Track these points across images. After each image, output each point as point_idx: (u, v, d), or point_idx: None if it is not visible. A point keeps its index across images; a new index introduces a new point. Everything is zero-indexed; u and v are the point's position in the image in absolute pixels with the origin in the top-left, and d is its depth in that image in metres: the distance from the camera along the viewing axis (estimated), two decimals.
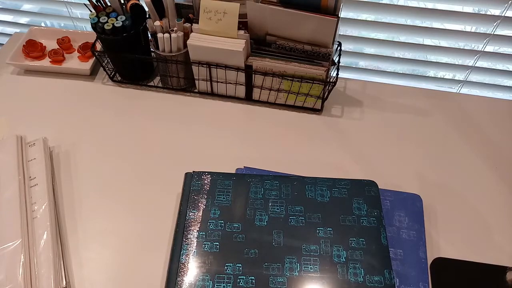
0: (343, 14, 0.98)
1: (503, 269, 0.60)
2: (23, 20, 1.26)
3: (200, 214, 0.60)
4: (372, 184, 0.63)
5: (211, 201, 0.62)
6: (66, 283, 0.57)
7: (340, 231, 0.59)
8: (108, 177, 0.70)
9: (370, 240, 0.58)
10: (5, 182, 0.64)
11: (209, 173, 0.65)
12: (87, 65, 0.85)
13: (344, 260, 0.56)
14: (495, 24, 0.92)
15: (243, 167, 0.71)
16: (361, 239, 0.58)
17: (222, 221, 0.60)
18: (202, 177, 0.65)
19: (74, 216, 0.65)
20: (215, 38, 0.73)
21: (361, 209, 0.61)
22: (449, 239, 0.63)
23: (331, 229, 0.59)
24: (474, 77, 1.05)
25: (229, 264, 0.56)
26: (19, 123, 0.78)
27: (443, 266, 0.60)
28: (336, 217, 0.60)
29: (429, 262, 0.60)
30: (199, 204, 0.62)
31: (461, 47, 1.00)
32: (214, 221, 0.60)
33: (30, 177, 0.66)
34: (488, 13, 0.94)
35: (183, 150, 0.74)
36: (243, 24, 0.73)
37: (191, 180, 0.64)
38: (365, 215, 0.60)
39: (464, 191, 0.69)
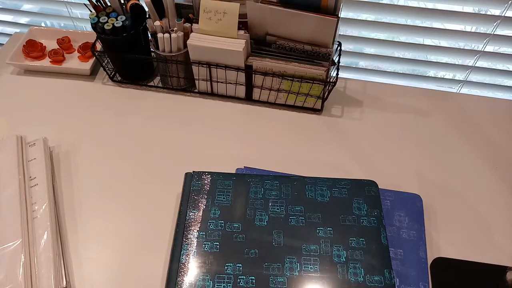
0: (343, 14, 0.98)
1: (503, 269, 0.60)
2: (23, 20, 1.26)
3: (200, 214, 0.60)
4: (372, 184, 0.63)
5: (211, 201, 0.62)
6: (66, 283, 0.57)
7: (340, 231, 0.59)
8: (108, 177, 0.70)
9: (370, 240, 0.58)
10: (5, 182, 0.64)
11: (209, 173, 0.65)
12: (87, 65, 0.85)
13: (344, 260, 0.56)
14: (495, 24, 0.92)
15: (243, 167, 0.71)
16: (361, 239, 0.58)
17: (222, 221, 0.60)
18: (202, 177, 0.65)
19: (74, 216, 0.65)
20: (215, 38, 0.73)
21: (361, 209, 0.61)
22: (449, 239, 0.63)
23: (331, 229, 0.59)
24: (474, 77, 1.05)
25: (229, 264, 0.56)
26: (19, 123, 0.78)
27: (443, 266, 0.60)
28: (336, 217, 0.60)
29: (429, 262, 0.60)
30: (199, 204, 0.62)
31: (461, 47, 1.00)
32: (214, 221, 0.60)
33: (30, 177, 0.66)
34: (488, 13, 0.94)
35: (183, 150, 0.74)
36: (243, 24, 0.73)
37: (191, 180, 0.64)
38: (365, 215, 0.60)
39: (464, 191, 0.69)
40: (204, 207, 0.61)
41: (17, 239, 0.58)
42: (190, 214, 0.61)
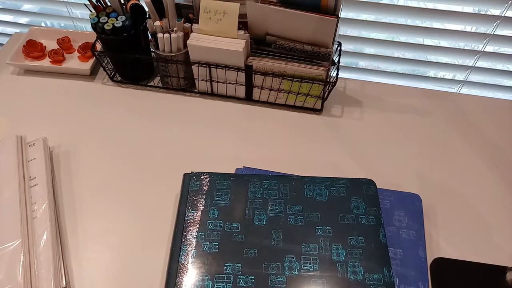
0: (343, 14, 0.98)
1: (503, 269, 0.60)
2: (23, 20, 1.26)
3: (199, 215, 0.60)
4: (370, 182, 0.63)
5: (210, 201, 0.62)
6: (66, 283, 0.57)
7: (339, 229, 0.59)
8: (108, 177, 0.70)
9: (369, 239, 0.58)
10: (5, 182, 0.64)
11: (208, 173, 0.65)
12: (87, 65, 0.85)
13: (343, 258, 0.56)
14: (495, 24, 0.92)
15: (242, 167, 0.70)
16: (360, 238, 0.58)
17: (221, 221, 0.60)
18: (201, 177, 0.65)
19: (74, 216, 0.65)
20: (215, 38, 0.73)
21: (360, 207, 0.61)
22: (449, 239, 0.63)
23: (330, 228, 0.59)
24: (474, 77, 1.05)
25: (228, 264, 0.56)
26: (19, 123, 0.78)
27: (443, 266, 0.60)
28: (335, 216, 0.60)
29: (429, 262, 0.60)
30: (198, 205, 0.62)
31: (461, 47, 1.00)
32: (213, 221, 0.60)
33: (30, 177, 0.66)
34: (488, 13, 0.94)
35: (183, 150, 0.74)
36: (243, 24, 0.73)
37: (190, 180, 0.64)
38: (364, 213, 0.60)
39: (464, 191, 0.69)
40: (203, 207, 0.61)
41: (17, 239, 0.58)
42: (189, 214, 0.61)
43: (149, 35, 0.78)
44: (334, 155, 0.74)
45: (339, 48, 0.78)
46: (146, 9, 0.76)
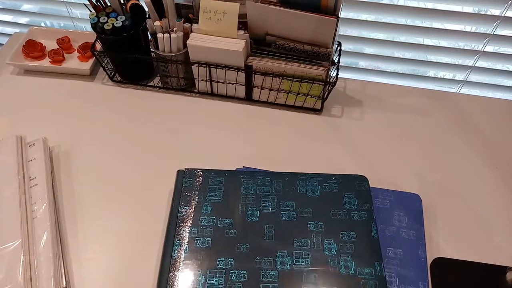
0: (343, 14, 0.98)
1: (503, 269, 0.60)
2: (23, 20, 1.26)
3: (192, 211, 0.61)
4: (362, 179, 0.64)
5: (203, 197, 0.62)
6: (66, 283, 0.57)
7: (331, 225, 0.59)
8: (108, 177, 0.70)
9: (360, 234, 0.58)
10: (5, 182, 0.64)
11: (201, 170, 0.65)
12: (87, 65, 0.85)
13: (335, 253, 0.56)
14: (495, 24, 0.92)
15: (242, 167, 0.70)
16: (351, 233, 0.58)
17: (214, 217, 0.60)
18: (194, 174, 0.65)
19: (74, 216, 0.65)
20: (215, 38, 0.73)
21: (352, 203, 0.61)
22: (449, 239, 0.63)
23: (322, 223, 0.59)
24: (474, 77, 1.05)
25: (221, 259, 0.56)
26: (19, 123, 0.78)
27: (443, 266, 0.60)
28: (327, 211, 0.60)
29: (429, 262, 0.60)
30: (191, 201, 0.62)
31: (461, 47, 1.00)
32: (206, 217, 0.60)
33: (30, 177, 0.66)
34: (488, 13, 0.94)
35: (183, 150, 0.74)
36: (243, 24, 0.73)
37: (183, 177, 0.65)
38: (356, 209, 0.61)
39: (464, 191, 0.69)
40: (196, 203, 0.62)
41: (17, 239, 0.58)
42: (182, 210, 0.61)
43: (149, 35, 0.78)
44: (334, 155, 0.74)
45: (339, 48, 0.78)
46: (146, 9, 0.76)
